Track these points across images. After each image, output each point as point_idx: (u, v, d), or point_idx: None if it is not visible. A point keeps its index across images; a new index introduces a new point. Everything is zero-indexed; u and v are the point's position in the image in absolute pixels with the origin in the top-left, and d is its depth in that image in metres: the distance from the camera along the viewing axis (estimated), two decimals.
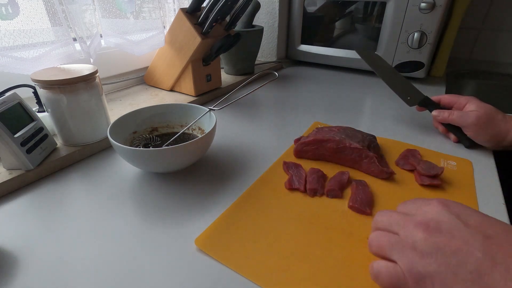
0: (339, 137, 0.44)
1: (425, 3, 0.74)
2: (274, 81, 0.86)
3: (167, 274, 0.29)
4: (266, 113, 0.67)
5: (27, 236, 0.34)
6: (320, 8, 0.92)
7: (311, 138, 0.46)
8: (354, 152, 0.43)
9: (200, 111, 0.49)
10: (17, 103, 0.42)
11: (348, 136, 0.45)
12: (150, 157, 0.39)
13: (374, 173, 0.43)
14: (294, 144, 0.49)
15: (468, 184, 0.42)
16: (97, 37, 0.61)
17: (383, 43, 0.84)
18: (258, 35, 0.84)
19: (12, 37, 0.47)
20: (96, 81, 0.47)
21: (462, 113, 0.50)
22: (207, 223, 0.35)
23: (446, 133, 0.55)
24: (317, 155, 0.46)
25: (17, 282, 0.29)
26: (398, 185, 0.42)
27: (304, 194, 0.40)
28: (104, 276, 0.29)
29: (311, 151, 0.46)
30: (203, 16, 0.61)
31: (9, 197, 0.40)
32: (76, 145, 0.48)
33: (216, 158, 0.49)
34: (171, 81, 0.71)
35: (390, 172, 0.42)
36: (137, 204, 0.39)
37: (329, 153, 0.45)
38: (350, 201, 0.38)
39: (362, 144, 0.43)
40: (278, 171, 0.45)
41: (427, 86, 0.83)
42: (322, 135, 0.45)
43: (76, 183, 0.43)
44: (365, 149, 0.42)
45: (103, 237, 0.34)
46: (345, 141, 0.43)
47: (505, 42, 1.04)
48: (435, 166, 0.43)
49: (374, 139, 0.47)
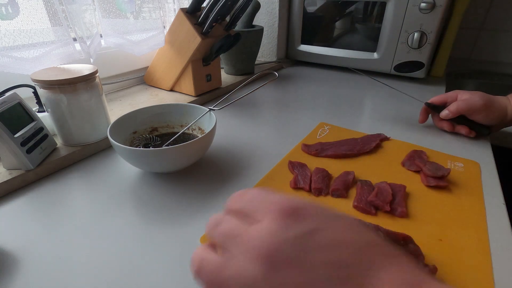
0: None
1: (425, 3, 0.74)
2: (274, 81, 0.86)
3: (167, 274, 0.29)
4: (266, 113, 0.67)
5: (27, 236, 0.34)
6: (320, 8, 0.92)
7: None
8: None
9: (200, 111, 0.49)
10: (17, 103, 0.42)
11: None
12: (150, 157, 0.39)
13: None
14: (302, 150, 0.50)
15: (475, 186, 0.41)
16: (97, 37, 0.61)
17: (383, 43, 0.84)
18: (258, 35, 0.84)
19: (12, 37, 0.47)
20: (96, 81, 0.47)
21: (465, 100, 0.51)
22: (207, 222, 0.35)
23: (453, 129, 0.55)
24: None
25: (17, 282, 0.29)
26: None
27: (309, 193, 0.40)
28: (104, 276, 0.29)
29: None
30: (203, 16, 0.61)
31: (9, 197, 0.40)
32: (76, 145, 0.48)
33: (216, 158, 0.49)
34: (171, 81, 0.71)
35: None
36: (137, 204, 0.39)
37: None
38: (355, 201, 0.38)
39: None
40: (283, 170, 0.45)
41: (427, 86, 0.83)
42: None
43: (76, 183, 0.43)
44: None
45: (103, 237, 0.34)
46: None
47: (505, 42, 1.04)
48: (442, 167, 0.42)
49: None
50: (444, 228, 0.35)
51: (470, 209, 0.37)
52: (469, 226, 0.35)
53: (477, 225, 0.35)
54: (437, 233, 0.34)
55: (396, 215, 0.36)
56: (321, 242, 0.18)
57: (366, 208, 0.36)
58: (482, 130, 0.52)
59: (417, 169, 0.44)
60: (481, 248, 0.32)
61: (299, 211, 0.19)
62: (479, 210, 0.37)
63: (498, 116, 0.50)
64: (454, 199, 0.39)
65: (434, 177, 0.41)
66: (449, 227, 0.35)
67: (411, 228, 0.35)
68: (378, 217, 0.36)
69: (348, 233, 0.19)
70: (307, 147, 0.50)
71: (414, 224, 0.35)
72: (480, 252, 0.32)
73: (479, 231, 0.34)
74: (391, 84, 0.83)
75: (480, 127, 0.52)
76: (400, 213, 0.36)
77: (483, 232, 0.34)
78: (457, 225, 0.35)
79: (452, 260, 0.31)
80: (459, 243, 0.33)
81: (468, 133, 0.53)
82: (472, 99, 0.50)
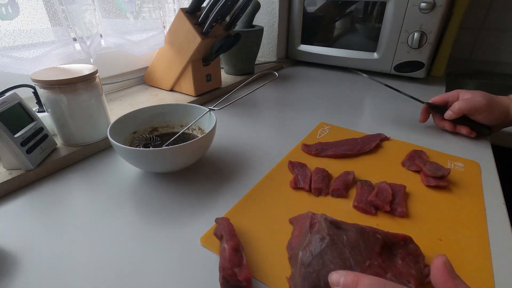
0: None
1: (425, 3, 0.74)
2: (274, 81, 0.86)
3: (167, 273, 0.29)
4: (266, 113, 0.67)
5: (27, 236, 0.34)
6: (320, 8, 0.92)
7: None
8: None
9: (200, 111, 0.49)
10: (17, 103, 0.42)
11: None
12: (150, 157, 0.39)
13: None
14: (302, 150, 0.50)
15: (475, 186, 0.42)
16: (97, 37, 0.61)
17: (383, 43, 0.84)
18: (258, 35, 0.84)
19: (12, 37, 0.47)
20: (96, 81, 0.47)
21: (467, 99, 0.51)
22: (207, 222, 0.35)
23: (455, 130, 0.55)
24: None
25: (17, 282, 0.29)
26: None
27: (309, 193, 0.40)
28: (104, 276, 0.29)
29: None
30: (203, 16, 0.61)
31: (9, 197, 0.40)
32: (76, 145, 0.48)
33: (216, 158, 0.49)
34: (171, 81, 0.71)
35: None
36: (137, 204, 0.39)
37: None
38: (355, 201, 0.38)
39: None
40: (283, 170, 0.45)
41: (427, 86, 0.83)
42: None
43: (76, 183, 0.43)
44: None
45: (103, 237, 0.34)
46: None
47: (505, 42, 1.04)
48: (442, 167, 0.42)
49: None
50: (444, 228, 0.35)
51: (470, 209, 0.37)
52: (469, 226, 0.35)
53: (477, 225, 0.35)
54: (437, 233, 0.34)
55: (396, 215, 0.36)
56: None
57: (366, 208, 0.37)
58: (483, 130, 0.52)
59: (417, 169, 0.44)
60: (481, 248, 0.32)
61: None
62: (479, 210, 0.37)
63: (499, 116, 0.50)
64: (454, 199, 0.39)
65: (434, 177, 0.41)
66: (449, 227, 0.35)
67: (411, 228, 0.35)
68: (378, 217, 0.36)
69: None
70: (307, 147, 0.50)
71: (414, 224, 0.35)
72: (480, 252, 0.32)
73: (479, 231, 0.34)
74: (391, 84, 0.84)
75: (481, 127, 0.52)
76: (400, 213, 0.36)
77: (483, 232, 0.34)
78: (457, 225, 0.35)
79: (452, 260, 0.30)
80: (459, 243, 0.33)
81: (469, 133, 0.53)
82: (474, 98, 0.50)
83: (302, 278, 0.26)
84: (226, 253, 0.28)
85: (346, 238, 0.28)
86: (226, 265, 0.27)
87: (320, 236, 0.28)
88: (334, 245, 0.27)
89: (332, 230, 0.29)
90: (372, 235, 0.29)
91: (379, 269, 0.26)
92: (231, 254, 0.28)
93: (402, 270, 0.27)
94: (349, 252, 0.27)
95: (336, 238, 0.28)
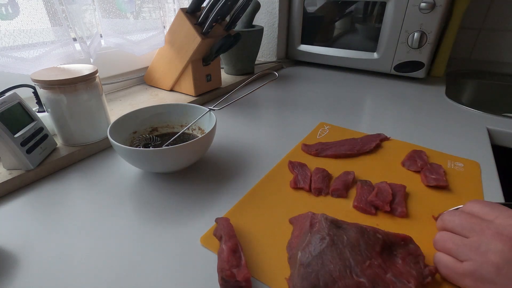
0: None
1: (425, 3, 0.74)
2: (274, 81, 0.86)
3: (167, 273, 0.29)
4: (266, 113, 0.67)
5: (27, 236, 0.34)
6: (320, 8, 0.92)
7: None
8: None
9: (200, 111, 0.49)
10: (17, 103, 0.42)
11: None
12: (150, 157, 0.39)
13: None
14: (302, 150, 0.50)
15: (475, 186, 0.42)
16: (97, 37, 0.61)
17: (383, 43, 0.84)
18: (258, 35, 0.84)
19: (12, 37, 0.47)
20: (96, 81, 0.47)
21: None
22: (207, 222, 0.35)
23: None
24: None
25: (17, 282, 0.29)
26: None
27: (309, 193, 0.40)
28: (104, 276, 0.29)
29: None
30: (203, 16, 0.61)
31: (9, 197, 0.40)
32: (76, 145, 0.48)
33: (216, 158, 0.49)
34: (171, 81, 0.71)
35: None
36: (137, 204, 0.39)
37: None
38: (355, 201, 0.38)
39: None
40: (283, 170, 0.45)
41: (427, 86, 0.83)
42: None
43: (76, 183, 0.43)
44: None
45: (103, 237, 0.34)
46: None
47: (505, 42, 1.04)
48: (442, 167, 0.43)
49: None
50: None
51: None
52: None
53: None
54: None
55: (396, 215, 0.36)
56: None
57: (366, 208, 0.37)
58: None
59: (417, 169, 0.44)
60: None
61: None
62: None
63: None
64: (454, 199, 0.39)
65: (434, 177, 0.41)
66: None
67: (411, 228, 0.35)
68: (378, 217, 0.36)
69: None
70: (307, 147, 0.50)
71: (414, 224, 0.35)
72: None
73: None
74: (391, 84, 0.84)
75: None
76: (400, 213, 0.36)
77: None
78: None
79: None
80: None
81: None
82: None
83: (301, 279, 0.26)
84: (224, 254, 0.28)
85: (346, 238, 0.28)
86: (224, 266, 0.27)
87: (320, 236, 0.28)
88: (334, 245, 0.27)
89: (333, 229, 0.29)
90: (372, 235, 0.29)
91: (379, 269, 0.27)
92: (229, 255, 0.28)
93: (402, 270, 0.27)
94: (349, 252, 0.27)
95: (336, 238, 0.28)
